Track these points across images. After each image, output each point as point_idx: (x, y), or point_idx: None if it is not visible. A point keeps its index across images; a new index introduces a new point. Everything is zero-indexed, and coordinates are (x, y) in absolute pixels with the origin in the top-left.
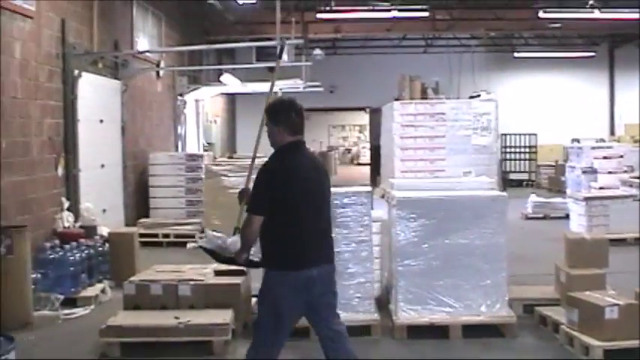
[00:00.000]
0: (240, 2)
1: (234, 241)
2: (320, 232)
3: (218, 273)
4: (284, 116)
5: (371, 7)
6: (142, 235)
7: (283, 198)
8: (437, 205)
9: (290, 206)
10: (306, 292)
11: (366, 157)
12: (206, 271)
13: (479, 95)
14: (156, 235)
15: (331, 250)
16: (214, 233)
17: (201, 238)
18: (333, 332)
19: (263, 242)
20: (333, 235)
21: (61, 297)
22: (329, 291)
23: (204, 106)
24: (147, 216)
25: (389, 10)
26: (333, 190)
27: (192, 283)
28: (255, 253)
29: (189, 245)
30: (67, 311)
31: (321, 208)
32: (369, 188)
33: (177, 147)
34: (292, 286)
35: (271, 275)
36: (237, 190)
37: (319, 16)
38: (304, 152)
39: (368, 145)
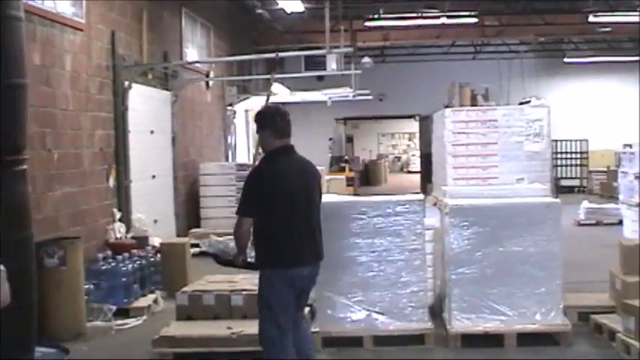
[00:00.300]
0: (289, 12)
1: (233, 246)
2: (309, 232)
3: None
4: (269, 122)
5: (419, 14)
6: (193, 246)
7: (271, 199)
8: (490, 212)
9: (278, 207)
10: (297, 287)
11: (415, 164)
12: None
13: (529, 101)
14: None
15: (320, 248)
16: (216, 238)
17: (203, 243)
18: (297, 317)
19: (256, 243)
20: (386, 243)
21: (114, 308)
22: (311, 287)
23: (253, 116)
24: (198, 226)
25: (437, 17)
26: (385, 198)
27: (244, 293)
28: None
29: (192, 250)
30: (119, 322)
31: (309, 209)
32: (421, 196)
33: (227, 157)
34: (286, 283)
35: (266, 274)
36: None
37: (368, 24)
38: (292, 155)
39: (418, 153)
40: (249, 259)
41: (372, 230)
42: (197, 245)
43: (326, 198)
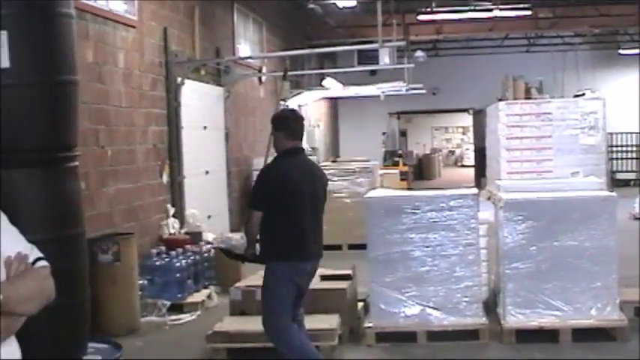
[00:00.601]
0: (340, 6)
1: (243, 242)
2: (313, 229)
3: (324, 278)
4: (284, 124)
5: (472, 7)
6: None
7: (279, 196)
8: (545, 206)
9: (285, 203)
10: (298, 282)
11: (469, 158)
12: None
13: (583, 94)
14: None
15: (321, 246)
16: (228, 235)
17: (215, 239)
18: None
19: (262, 238)
20: (440, 238)
21: (168, 303)
22: (308, 284)
23: (307, 111)
24: None
25: (490, 10)
26: (438, 192)
27: None
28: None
29: (204, 248)
30: (173, 317)
31: (314, 208)
32: (475, 190)
33: None
34: (289, 277)
35: (271, 267)
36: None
37: (420, 17)
38: (301, 156)
39: (471, 147)
40: (257, 253)
41: (426, 225)
42: None
43: (379, 193)
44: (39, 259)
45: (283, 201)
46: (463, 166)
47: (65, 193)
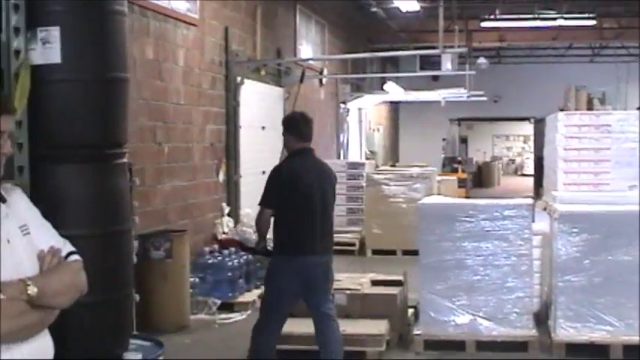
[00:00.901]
0: (404, 10)
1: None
2: (321, 226)
3: (375, 283)
4: (294, 126)
5: (536, 16)
6: None
7: (288, 194)
8: (600, 219)
9: (294, 202)
10: (305, 276)
11: (530, 167)
12: (363, 281)
13: None
14: None
15: (330, 242)
16: (243, 228)
17: (231, 230)
18: (322, 314)
19: (273, 232)
20: (493, 247)
21: (218, 302)
22: (325, 277)
23: (367, 114)
24: None
25: (554, 19)
26: (493, 201)
27: (348, 292)
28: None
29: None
30: (223, 316)
31: (322, 206)
32: (530, 201)
33: (339, 155)
34: (292, 270)
35: (276, 259)
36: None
37: (483, 24)
38: (310, 157)
39: (532, 156)
40: (269, 247)
41: (479, 233)
42: None
43: (433, 199)
44: (72, 252)
45: (292, 199)
46: (523, 175)
47: (113, 189)
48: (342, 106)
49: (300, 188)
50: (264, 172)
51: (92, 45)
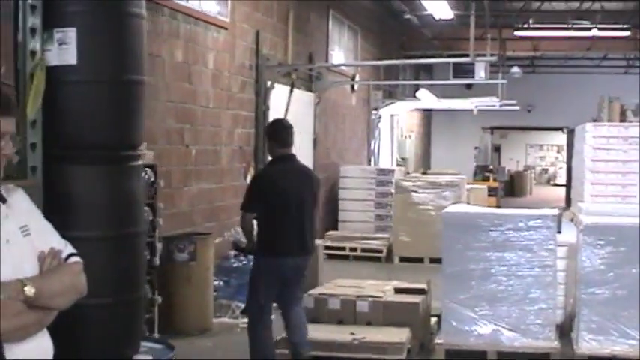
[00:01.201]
0: (437, 18)
1: None
2: (297, 229)
3: (398, 291)
4: (275, 133)
5: (570, 26)
6: (329, 248)
7: (267, 199)
8: (626, 232)
9: (271, 205)
10: (279, 275)
11: (562, 177)
12: (386, 288)
13: None
14: (343, 249)
15: (307, 243)
16: (237, 228)
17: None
18: (289, 303)
19: (257, 234)
20: (517, 257)
21: (242, 305)
22: (297, 278)
23: (399, 121)
24: (336, 228)
25: (589, 29)
26: (518, 211)
27: (370, 299)
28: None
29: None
30: (246, 320)
31: (299, 210)
32: (555, 211)
33: (370, 161)
34: (272, 270)
35: (257, 259)
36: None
37: (517, 33)
38: (290, 163)
39: (564, 166)
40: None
41: (503, 243)
42: (330, 248)
43: (458, 208)
44: (72, 254)
45: (270, 203)
46: (556, 185)
47: (127, 191)
48: (373, 112)
49: (277, 193)
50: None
51: (108, 47)
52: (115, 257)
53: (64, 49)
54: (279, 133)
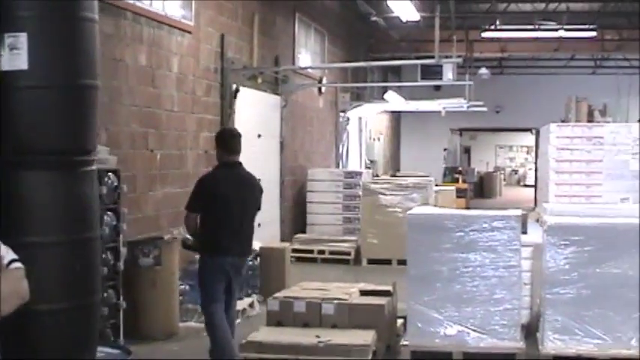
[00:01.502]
0: (404, 20)
1: None
2: (238, 231)
3: (364, 293)
4: (223, 141)
5: (537, 27)
6: (296, 251)
7: (209, 202)
8: (589, 232)
9: (213, 208)
10: (222, 272)
11: (532, 178)
12: (352, 291)
13: None
14: (311, 251)
15: (248, 246)
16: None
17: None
18: (226, 311)
19: (200, 233)
20: (481, 258)
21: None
22: (238, 276)
23: (367, 123)
24: (304, 231)
25: (556, 30)
26: (482, 212)
27: (336, 302)
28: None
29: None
30: None
31: (241, 213)
32: (519, 212)
33: (338, 164)
34: (213, 266)
35: (201, 257)
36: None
37: (484, 35)
38: (235, 169)
39: (534, 167)
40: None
41: (467, 245)
42: (298, 251)
43: (423, 210)
44: (13, 260)
45: (212, 206)
46: (526, 185)
47: (81, 196)
48: (341, 115)
49: (220, 196)
50: (259, 180)
51: (60, 51)
52: (69, 262)
53: (15, 54)
54: (227, 140)
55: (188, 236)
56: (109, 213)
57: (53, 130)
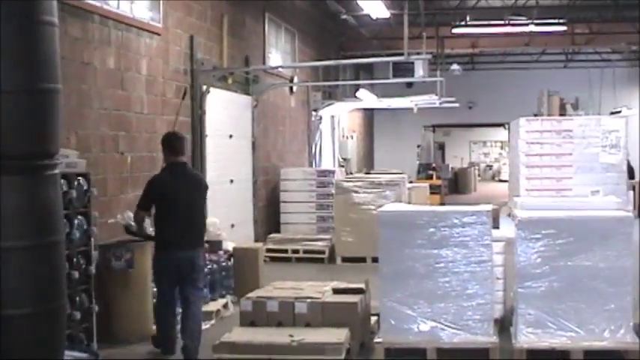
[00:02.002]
0: (374, 17)
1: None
2: (187, 227)
3: (337, 291)
4: (167, 143)
5: (507, 22)
6: (271, 251)
7: (159, 200)
8: (560, 225)
9: (163, 206)
10: (175, 265)
11: (507, 173)
12: (325, 289)
13: (620, 111)
14: (285, 251)
15: (198, 239)
16: (129, 214)
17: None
18: (185, 299)
19: (154, 230)
20: (452, 254)
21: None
22: (191, 268)
23: (339, 122)
24: (278, 231)
25: (526, 25)
26: (452, 208)
27: (309, 300)
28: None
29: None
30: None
31: (188, 210)
32: (489, 207)
33: (311, 162)
34: (167, 262)
35: (156, 253)
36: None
37: (455, 31)
38: (181, 169)
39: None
40: (149, 233)
41: (439, 241)
42: (272, 250)
43: (394, 207)
44: None
45: (161, 203)
46: (500, 180)
47: (44, 201)
48: (313, 113)
49: (168, 195)
50: (232, 181)
51: (19, 56)
52: (33, 267)
53: None
54: (172, 143)
55: (132, 223)
56: (79, 217)
57: (14, 135)
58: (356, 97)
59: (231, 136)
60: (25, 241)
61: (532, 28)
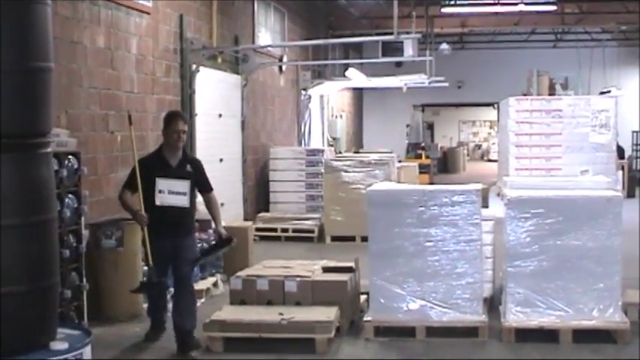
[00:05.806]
0: None
1: None
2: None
3: (326, 270)
4: (165, 123)
5: (497, 1)
6: (260, 230)
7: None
8: (549, 204)
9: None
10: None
11: (496, 153)
12: (315, 268)
13: (609, 91)
14: (274, 230)
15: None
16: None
17: None
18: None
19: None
20: (442, 233)
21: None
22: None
23: (329, 101)
24: (267, 210)
25: (516, 4)
26: (441, 187)
27: (298, 279)
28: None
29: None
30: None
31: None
32: (479, 186)
33: (300, 142)
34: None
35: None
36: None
37: (444, 10)
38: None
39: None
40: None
41: (429, 220)
42: (262, 229)
43: (382, 186)
44: None
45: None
46: (490, 160)
47: (37, 179)
48: (303, 93)
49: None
50: (221, 160)
51: (11, 34)
52: (26, 245)
53: None
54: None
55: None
56: (70, 195)
57: (6, 113)
58: (345, 76)
59: (220, 116)
60: (19, 219)
61: (522, 7)
